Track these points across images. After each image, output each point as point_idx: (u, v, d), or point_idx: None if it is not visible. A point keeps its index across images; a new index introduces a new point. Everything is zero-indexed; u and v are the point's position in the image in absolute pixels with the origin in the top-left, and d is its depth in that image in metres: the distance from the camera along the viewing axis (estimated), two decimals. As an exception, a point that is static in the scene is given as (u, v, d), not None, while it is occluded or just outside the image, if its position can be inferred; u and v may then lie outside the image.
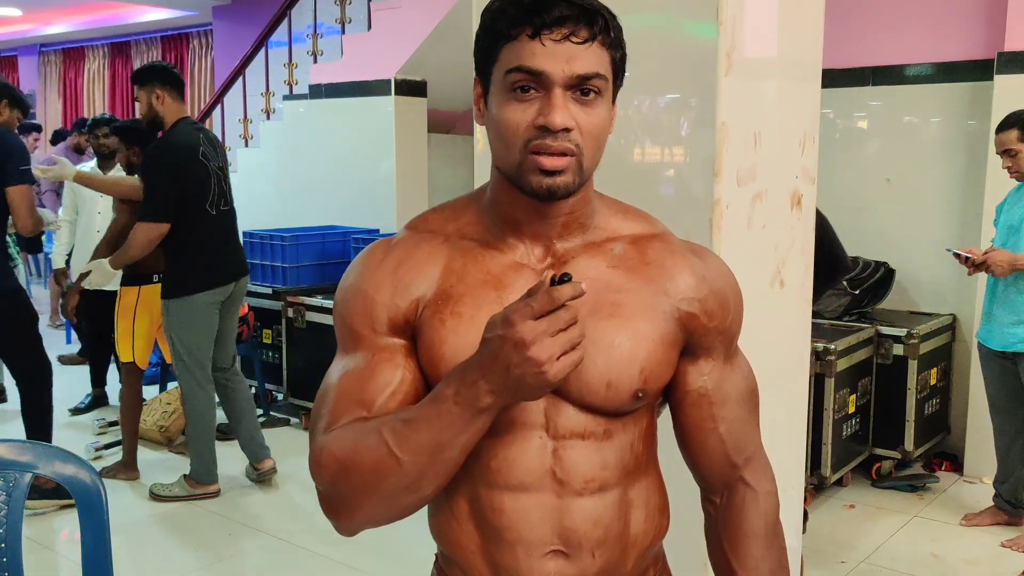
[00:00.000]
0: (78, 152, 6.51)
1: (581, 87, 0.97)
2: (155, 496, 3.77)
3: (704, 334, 1.10)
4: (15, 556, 1.71)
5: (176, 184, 3.54)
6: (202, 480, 3.79)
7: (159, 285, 4.01)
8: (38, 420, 3.74)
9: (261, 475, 3.94)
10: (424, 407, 0.95)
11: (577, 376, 1.01)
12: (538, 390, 0.91)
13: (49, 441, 3.83)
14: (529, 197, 1.01)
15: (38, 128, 4.65)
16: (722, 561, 1.17)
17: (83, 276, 3.98)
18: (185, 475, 3.81)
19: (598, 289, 1.04)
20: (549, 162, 0.97)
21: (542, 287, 0.88)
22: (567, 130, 0.96)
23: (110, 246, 3.92)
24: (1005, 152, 3.28)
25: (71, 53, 10.86)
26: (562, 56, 0.95)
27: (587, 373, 1.02)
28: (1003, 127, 3.29)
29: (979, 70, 4.07)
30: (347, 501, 1.00)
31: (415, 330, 1.05)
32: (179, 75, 3.75)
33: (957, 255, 3.33)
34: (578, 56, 0.95)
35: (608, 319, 1.03)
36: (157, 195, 3.54)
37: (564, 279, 0.88)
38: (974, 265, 3.29)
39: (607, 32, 0.98)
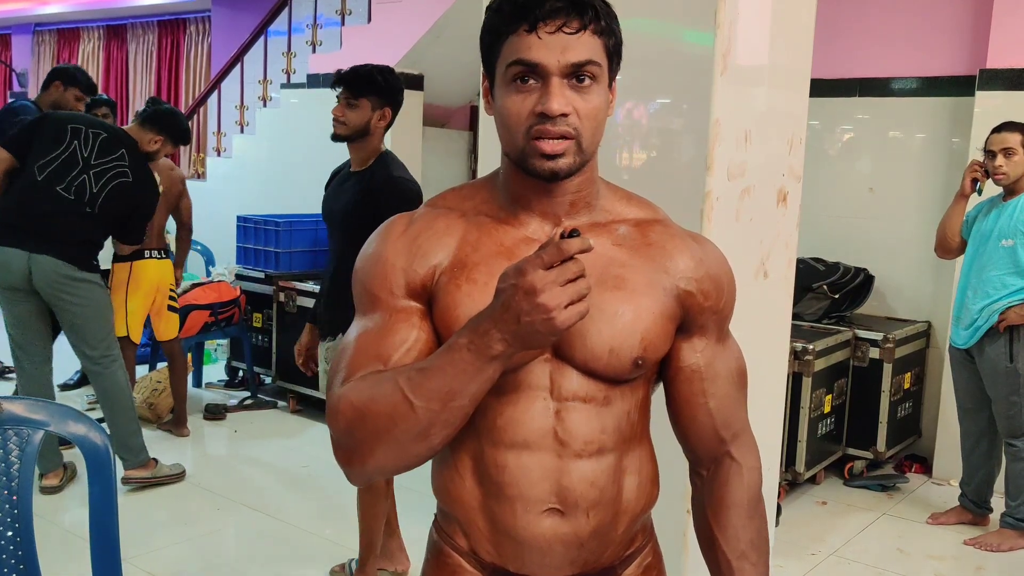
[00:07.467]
0: None
1: (576, 75, 1.04)
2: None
3: (699, 312, 1.17)
4: (26, 508, 1.78)
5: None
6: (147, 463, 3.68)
7: (151, 261, 4.17)
8: None
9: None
10: (438, 356, 1.01)
11: (582, 342, 1.09)
12: (546, 337, 0.96)
13: None
14: (535, 179, 1.09)
15: (108, 104, 4.80)
16: (705, 529, 1.25)
17: None
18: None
19: (603, 264, 1.11)
20: (549, 147, 1.05)
21: (552, 241, 0.95)
22: (564, 115, 1.04)
23: None
24: (1004, 150, 3.27)
25: (65, 34, 10.83)
26: (556, 47, 1.03)
27: (591, 340, 1.09)
28: (1007, 128, 3.29)
29: (961, 86, 4.17)
30: (361, 447, 1.05)
31: (431, 295, 1.12)
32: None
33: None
34: (571, 46, 1.03)
35: (612, 291, 1.11)
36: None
37: (573, 234, 0.94)
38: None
39: (598, 20, 1.05)
